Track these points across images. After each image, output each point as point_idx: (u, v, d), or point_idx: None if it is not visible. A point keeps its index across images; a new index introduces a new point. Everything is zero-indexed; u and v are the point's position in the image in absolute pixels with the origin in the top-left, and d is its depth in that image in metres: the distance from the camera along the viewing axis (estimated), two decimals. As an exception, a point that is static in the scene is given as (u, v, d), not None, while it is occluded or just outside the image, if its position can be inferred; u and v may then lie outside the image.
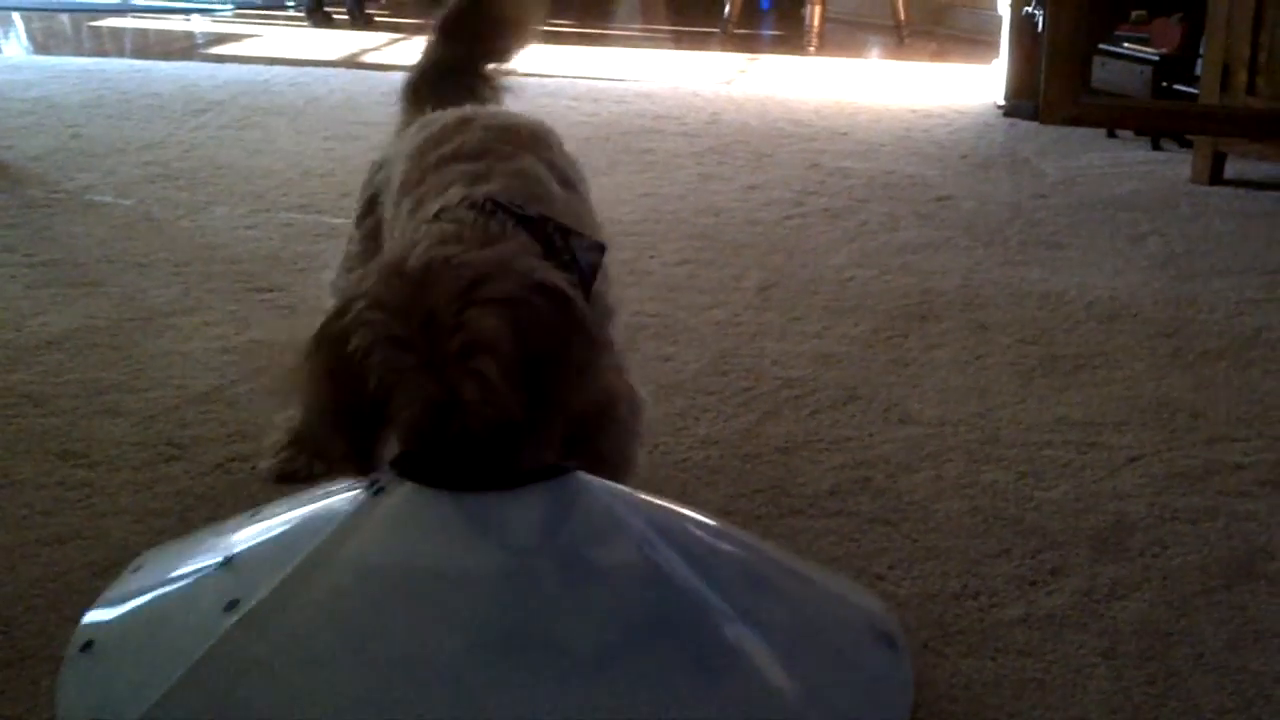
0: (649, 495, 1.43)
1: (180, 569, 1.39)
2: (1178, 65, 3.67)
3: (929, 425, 1.98)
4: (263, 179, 3.28)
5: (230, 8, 6.42)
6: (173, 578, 1.38)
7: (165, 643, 1.27)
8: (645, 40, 6.00)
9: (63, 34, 5.80)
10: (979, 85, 4.53)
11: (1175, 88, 3.66)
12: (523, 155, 1.52)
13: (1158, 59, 3.71)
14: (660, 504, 1.42)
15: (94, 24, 5.97)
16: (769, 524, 1.69)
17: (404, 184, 1.56)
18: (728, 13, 5.81)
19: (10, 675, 1.36)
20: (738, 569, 1.37)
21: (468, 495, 1.27)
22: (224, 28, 5.93)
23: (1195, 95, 3.44)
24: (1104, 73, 3.87)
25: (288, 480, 1.77)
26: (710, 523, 1.48)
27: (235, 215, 2.98)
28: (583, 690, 1.17)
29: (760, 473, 1.83)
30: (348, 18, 5.92)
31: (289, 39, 5.60)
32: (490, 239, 1.34)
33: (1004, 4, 4.17)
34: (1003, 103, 4.16)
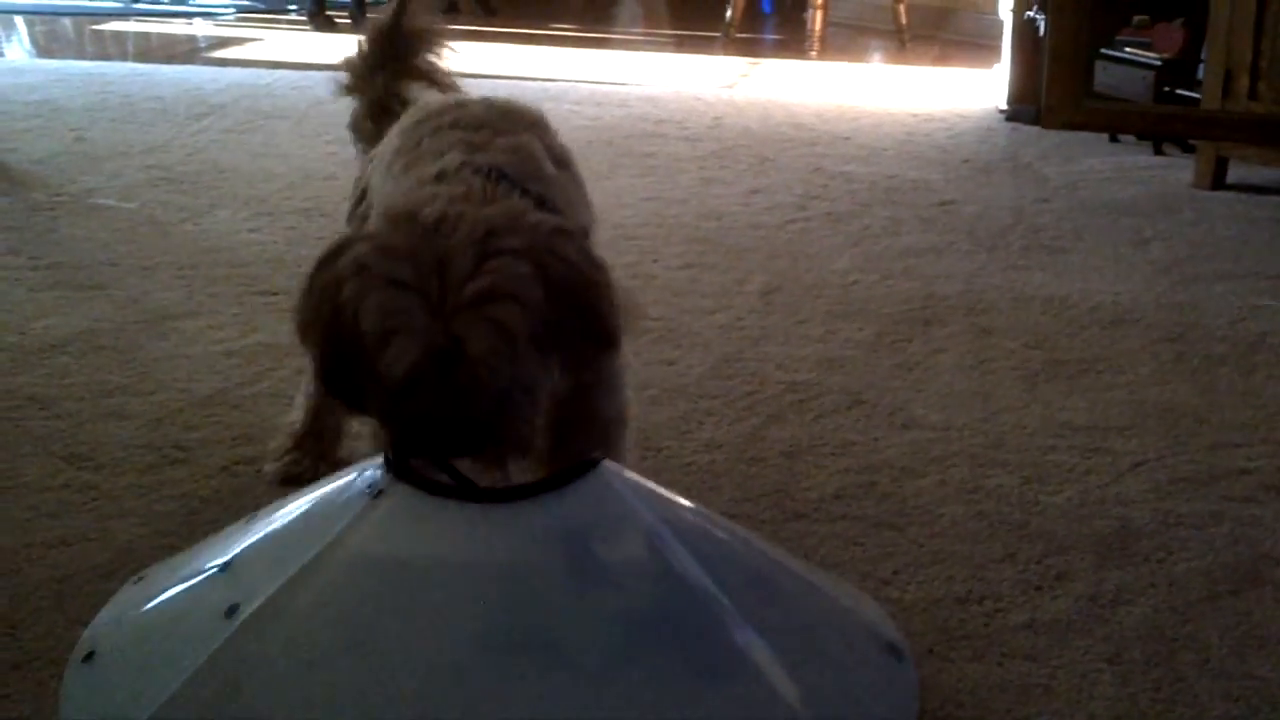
0: (669, 492, 1.42)
1: (180, 578, 1.38)
2: (1180, 70, 3.68)
3: (933, 430, 1.98)
4: (266, 182, 3.28)
5: (233, 11, 6.43)
6: (172, 587, 1.38)
7: (167, 650, 1.26)
8: (647, 44, 6.01)
9: (66, 37, 5.80)
10: (981, 90, 4.53)
11: (1177, 92, 3.66)
12: (520, 132, 1.52)
13: (1160, 64, 3.72)
14: (679, 501, 1.41)
15: (97, 27, 5.98)
16: (773, 528, 1.68)
17: (398, 150, 1.56)
18: (730, 17, 5.81)
19: (16, 677, 1.36)
20: (749, 573, 1.37)
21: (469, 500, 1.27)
22: (227, 31, 5.94)
23: (1197, 100, 3.45)
24: (1106, 77, 3.87)
25: (293, 483, 1.77)
26: (725, 524, 1.48)
27: (238, 219, 2.98)
28: (587, 692, 1.17)
29: (764, 477, 1.83)
30: (350, 21, 5.93)
31: (291, 43, 5.60)
32: (495, 202, 1.34)
33: (1006, 8, 4.18)
34: (1005, 107, 4.17)
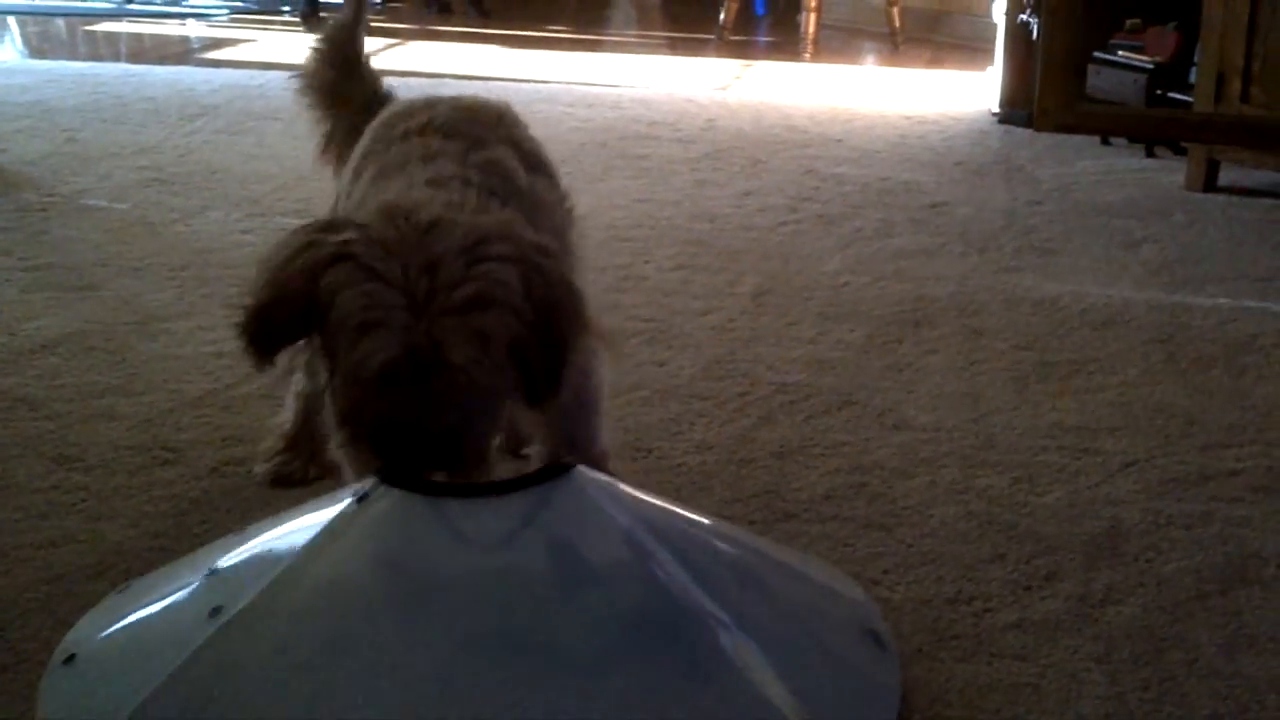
0: (641, 492, 1.43)
1: (165, 586, 1.38)
2: (1172, 73, 3.68)
3: (924, 431, 1.98)
4: (257, 183, 3.28)
5: (225, 12, 6.43)
6: (157, 593, 1.38)
7: (149, 650, 1.26)
8: (641, 46, 6.01)
9: (58, 38, 5.80)
10: (974, 92, 4.54)
11: (1170, 95, 3.67)
12: (493, 143, 1.53)
13: (1152, 67, 3.72)
14: (653, 501, 1.42)
15: (89, 28, 5.97)
16: (763, 529, 1.68)
17: (367, 153, 1.57)
18: (723, 19, 5.82)
19: (6, 679, 1.35)
20: (728, 567, 1.37)
21: (453, 499, 1.27)
22: (219, 32, 5.94)
23: (1189, 103, 3.45)
24: (1099, 80, 3.88)
25: (283, 484, 1.77)
26: (701, 520, 1.48)
27: (230, 220, 2.98)
28: (575, 693, 1.17)
29: (755, 478, 1.83)
30: (302, 23, 5.92)
31: (284, 43, 5.60)
32: (487, 213, 1.37)
33: (999, 11, 4.18)
34: (997, 110, 4.17)
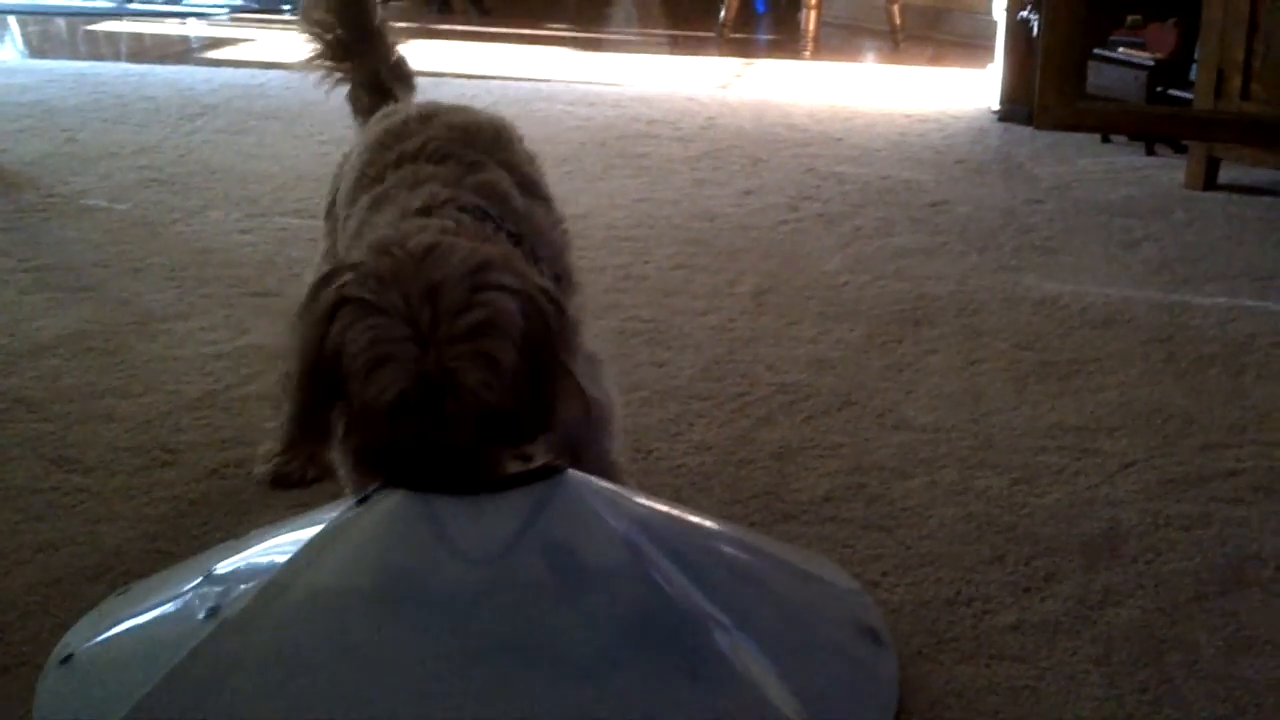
0: (636, 494, 1.43)
1: (164, 588, 1.39)
2: (1172, 70, 3.68)
3: (923, 431, 1.98)
4: (257, 183, 3.28)
5: (225, 12, 6.42)
6: (155, 595, 1.38)
7: (146, 650, 1.27)
8: (641, 45, 6.01)
9: (58, 38, 5.79)
10: (974, 90, 4.53)
11: (1170, 93, 3.66)
12: (487, 165, 1.53)
13: (1152, 64, 3.72)
14: (648, 503, 1.42)
15: (89, 28, 5.97)
16: (763, 530, 1.68)
17: (361, 178, 1.56)
18: (723, 17, 5.81)
19: (4, 681, 1.36)
20: (726, 567, 1.38)
21: (451, 501, 1.27)
22: (219, 32, 5.93)
23: (1190, 100, 3.45)
24: (1099, 78, 3.87)
25: (282, 484, 1.77)
26: (699, 520, 1.48)
27: (230, 220, 2.98)
28: (575, 694, 1.17)
29: (754, 478, 1.83)
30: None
31: (284, 43, 5.59)
32: (484, 239, 1.36)
33: (999, 9, 4.17)
34: (997, 108, 4.17)
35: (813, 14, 5.41)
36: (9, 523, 1.67)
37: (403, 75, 1.93)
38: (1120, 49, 3.84)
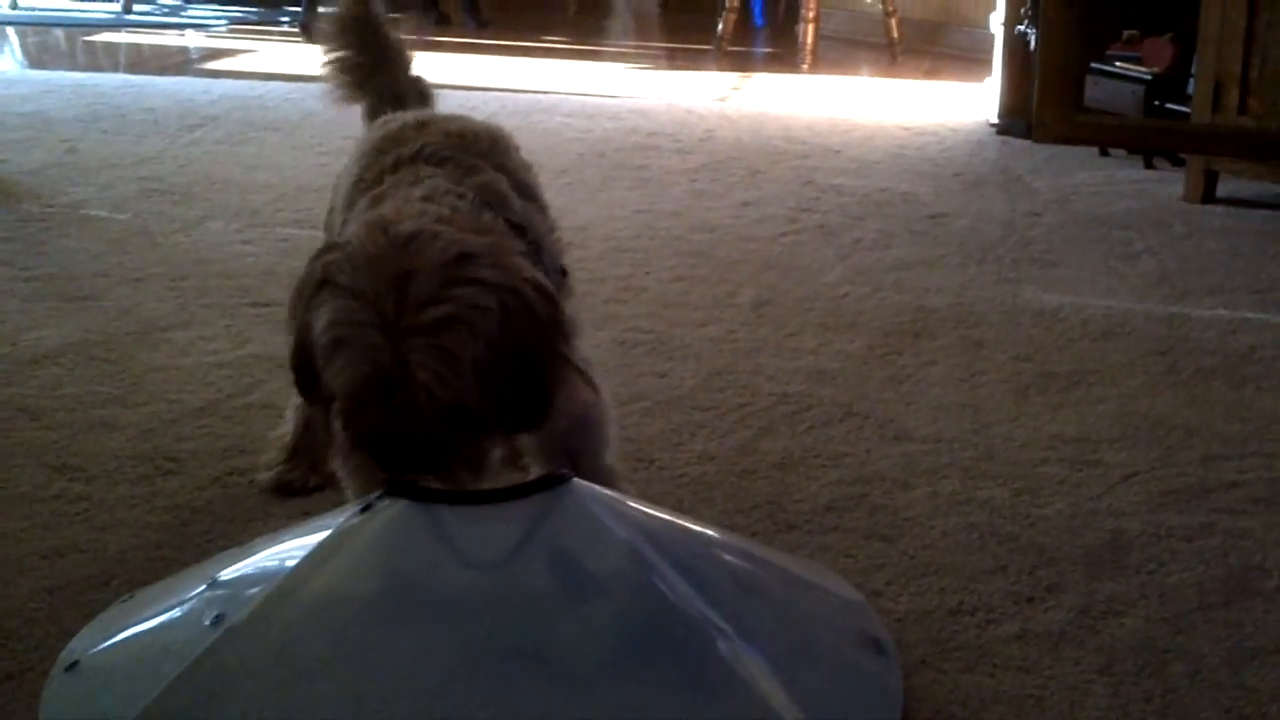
0: (639, 502, 1.43)
1: (168, 595, 1.38)
2: (1170, 84, 3.69)
3: (924, 442, 1.98)
4: (257, 194, 3.29)
5: (225, 23, 6.43)
6: (160, 602, 1.38)
7: (151, 658, 1.26)
8: (639, 57, 6.02)
9: (58, 49, 5.80)
10: (972, 103, 4.55)
11: (1167, 106, 3.67)
12: (484, 168, 1.52)
13: (1150, 78, 3.73)
14: (651, 511, 1.42)
15: (89, 39, 5.98)
16: (765, 540, 1.69)
17: (358, 182, 1.56)
18: (722, 30, 5.83)
19: (9, 689, 1.35)
20: (729, 576, 1.38)
21: (455, 508, 1.27)
22: (219, 43, 5.94)
23: (1187, 114, 3.46)
24: (1096, 91, 3.88)
25: (285, 492, 1.77)
26: (702, 529, 1.48)
27: (230, 230, 2.98)
28: (577, 703, 1.17)
29: (756, 489, 1.83)
30: (302, 32, 5.92)
31: (284, 54, 5.61)
32: (482, 228, 1.34)
33: (997, 22, 4.19)
34: (995, 121, 4.18)
35: (811, 27, 5.43)
36: (13, 530, 1.67)
37: (421, 91, 1.93)
38: (1118, 63, 3.86)
